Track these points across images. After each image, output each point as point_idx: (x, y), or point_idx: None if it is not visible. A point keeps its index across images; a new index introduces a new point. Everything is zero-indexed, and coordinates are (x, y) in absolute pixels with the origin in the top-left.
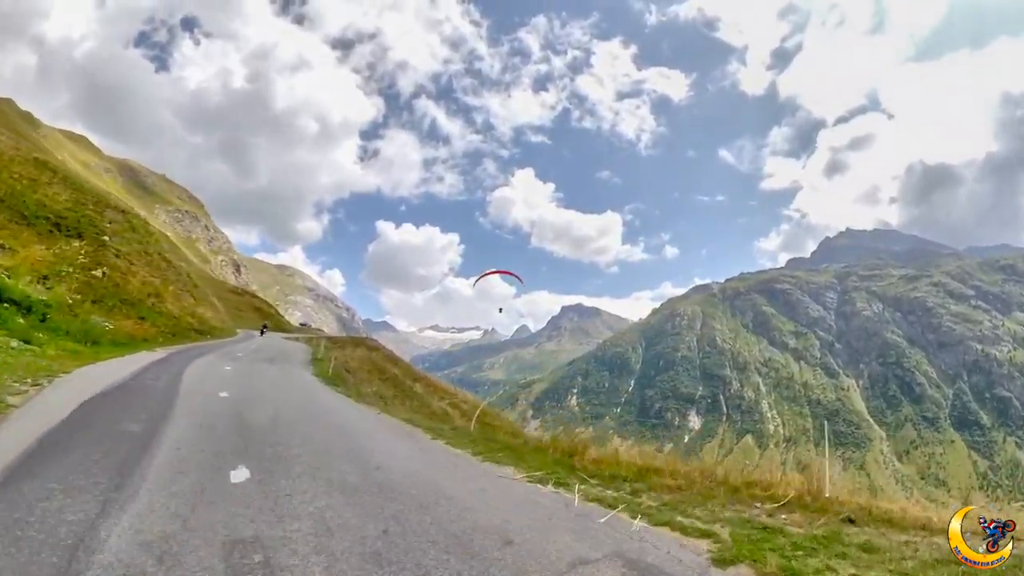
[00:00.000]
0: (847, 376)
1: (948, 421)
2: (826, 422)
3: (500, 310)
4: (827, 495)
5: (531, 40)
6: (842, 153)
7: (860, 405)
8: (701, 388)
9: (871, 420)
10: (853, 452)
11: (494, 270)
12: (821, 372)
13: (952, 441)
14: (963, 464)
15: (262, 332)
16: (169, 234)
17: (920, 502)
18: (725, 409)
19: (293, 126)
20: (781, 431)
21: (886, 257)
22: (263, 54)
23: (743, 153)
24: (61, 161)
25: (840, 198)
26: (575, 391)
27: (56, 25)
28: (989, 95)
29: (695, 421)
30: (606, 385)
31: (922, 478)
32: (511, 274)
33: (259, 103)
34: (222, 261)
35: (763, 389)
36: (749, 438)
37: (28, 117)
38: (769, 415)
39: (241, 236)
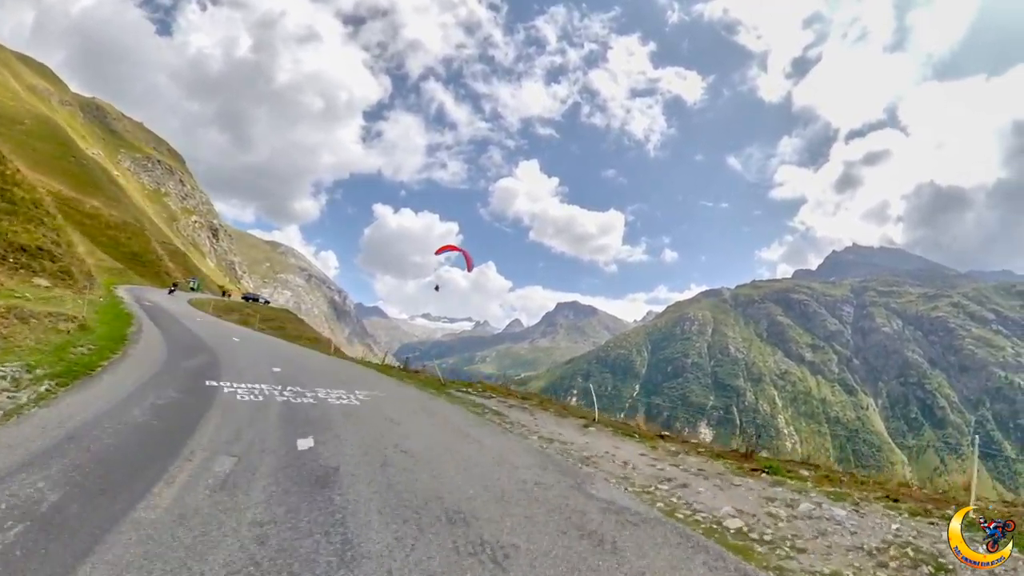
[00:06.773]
0: (865, 394)
1: (971, 449)
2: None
3: (436, 288)
4: None
5: (548, 30)
6: (856, 168)
7: (880, 426)
8: (713, 398)
9: (891, 443)
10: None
11: (452, 245)
12: (839, 388)
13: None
14: (988, 496)
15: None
16: (133, 183)
17: None
18: (739, 422)
19: (296, 101)
20: (799, 449)
21: (900, 275)
22: (270, 23)
23: (751, 161)
24: None
25: (847, 213)
26: (575, 391)
27: None
28: (1001, 122)
29: (706, 433)
30: (608, 388)
31: None
32: (463, 252)
33: (262, 75)
34: (196, 222)
35: (779, 403)
36: (764, 454)
37: None
38: (786, 431)
39: (236, 212)
